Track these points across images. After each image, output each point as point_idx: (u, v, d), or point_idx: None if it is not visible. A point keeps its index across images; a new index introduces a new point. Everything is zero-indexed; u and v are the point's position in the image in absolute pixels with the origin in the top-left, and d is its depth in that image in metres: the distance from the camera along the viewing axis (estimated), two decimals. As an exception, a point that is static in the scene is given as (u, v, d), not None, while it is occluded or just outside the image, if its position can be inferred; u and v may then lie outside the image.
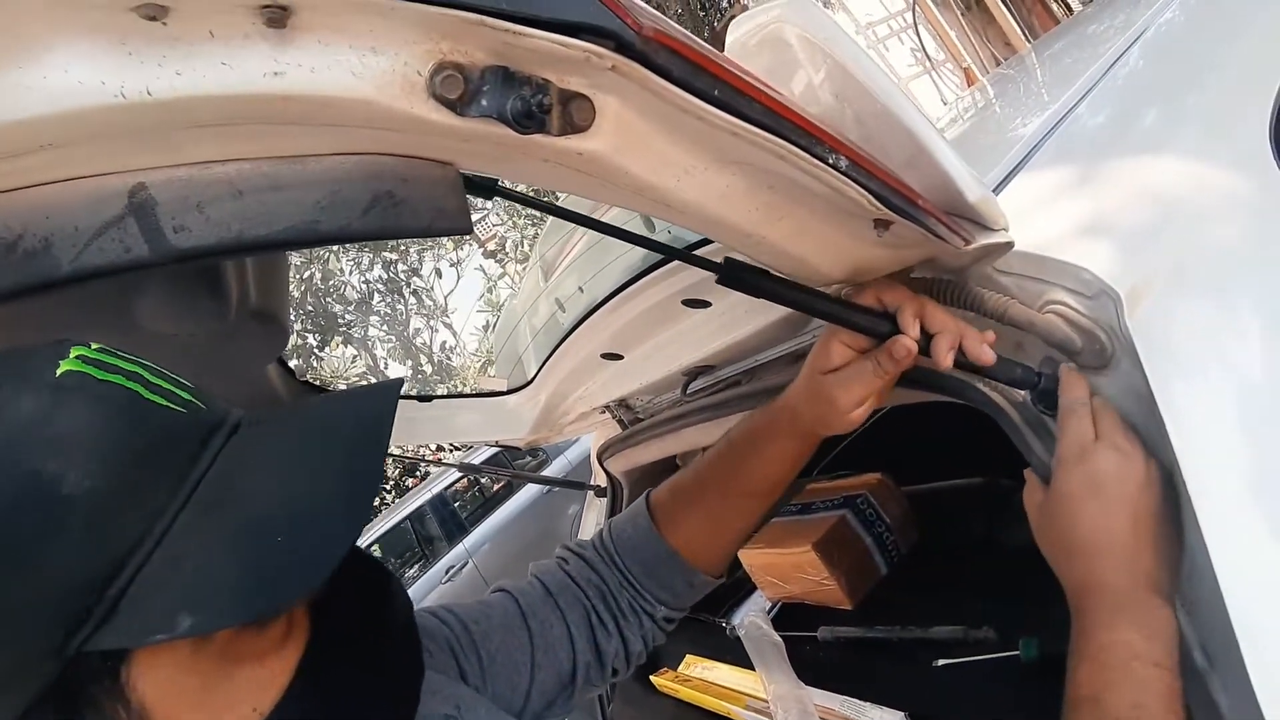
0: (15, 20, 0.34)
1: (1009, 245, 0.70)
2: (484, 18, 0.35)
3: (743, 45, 0.74)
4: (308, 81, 0.36)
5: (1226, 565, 0.61)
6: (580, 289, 1.28)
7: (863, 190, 0.53)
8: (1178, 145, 0.87)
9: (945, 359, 0.71)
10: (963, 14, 10.96)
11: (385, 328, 16.40)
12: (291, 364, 1.23)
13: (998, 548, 1.33)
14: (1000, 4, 10.62)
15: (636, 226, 1.09)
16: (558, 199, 1.03)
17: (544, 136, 0.40)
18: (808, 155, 0.49)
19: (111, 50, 0.35)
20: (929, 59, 10.65)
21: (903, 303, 0.72)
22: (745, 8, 10.44)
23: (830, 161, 0.50)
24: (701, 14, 11.17)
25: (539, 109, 0.39)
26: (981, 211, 0.65)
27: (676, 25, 0.42)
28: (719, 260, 0.67)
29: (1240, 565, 0.61)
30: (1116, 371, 0.72)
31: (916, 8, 10.41)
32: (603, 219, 0.71)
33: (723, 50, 0.70)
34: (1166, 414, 0.67)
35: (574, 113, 0.41)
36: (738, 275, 0.67)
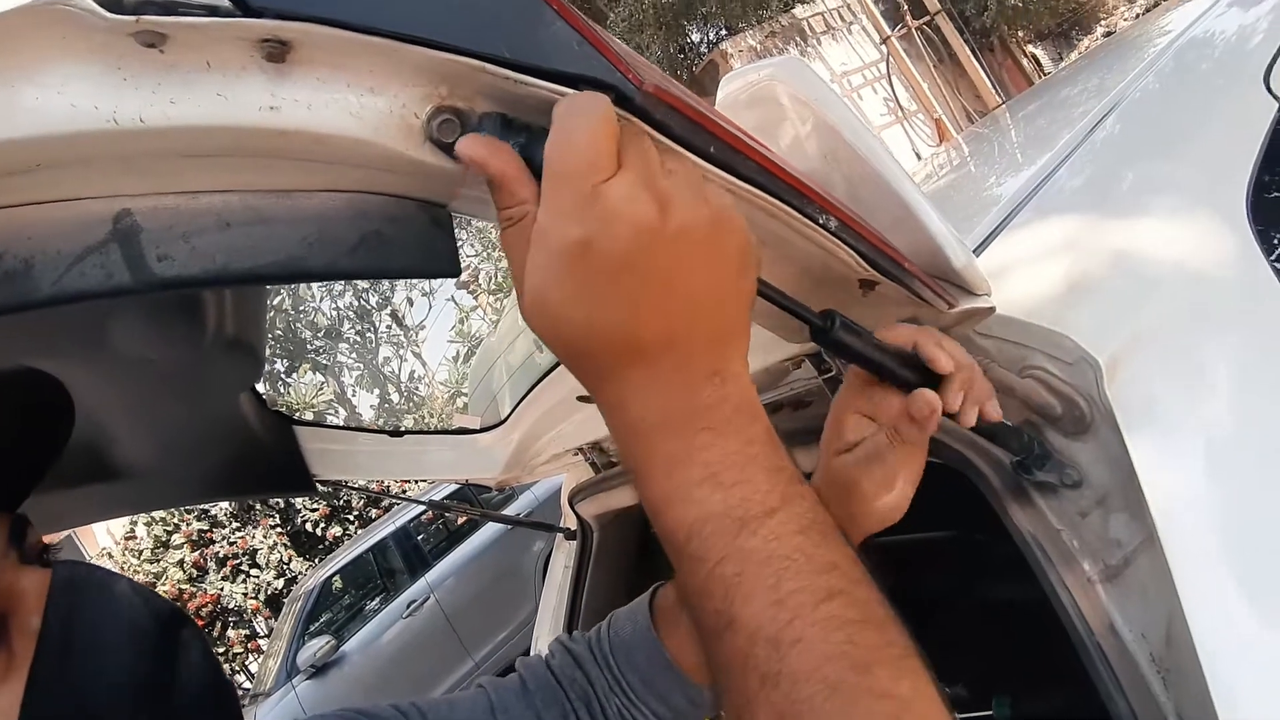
0: (10, 39, 0.34)
1: (991, 310, 0.70)
2: (485, 65, 0.35)
3: (734, 100, 0.74)
4: (304, 118, 0.36)
5: (1205, 633, 0.61)
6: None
7: (851, 251, 0.53)
8: (1157, 213, 0.89)
9: (969, 414, 0.61)
10: (935, 66, 11.26)
11: (354, 355, 16.27)
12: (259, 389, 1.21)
13: (969, 603, 1.33)
14: (972, 58, 10.93)
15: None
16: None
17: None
18: (799, 214, 0.49)
19: (107, 75, 0.35)
20: (901, 109, 10.90)
21: (921, 340, 0.60)
22: (725, 54, 10.66)
23: (820, 221, 0.50)
24: (680, 57, 11.38)
25: (536, 156, 0.39)
26: (966, 277, 0.65)
27: (677, 83, 0.42)
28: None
29: (1219, 633, 0.61)
30: (1095, 438, 0.73)
31: (890, 59, 10.68)
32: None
33: (712, 102, 0.71)
34: (1145, 482, 0.67)
35: (569, 160, 0.41)
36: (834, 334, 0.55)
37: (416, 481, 7.45)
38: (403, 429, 1.48)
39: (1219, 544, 0.67)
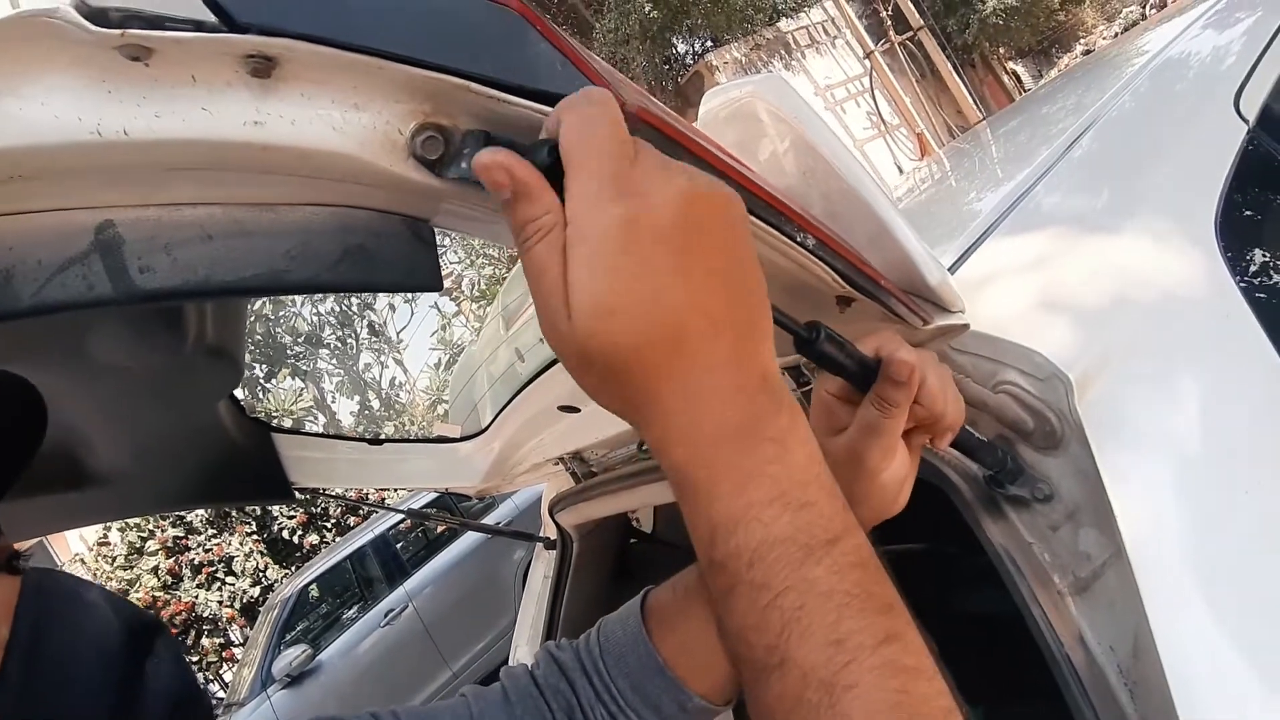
0: None
1: (965, 327, 0.71)
2: (469, 84, 0.36)
3: (715, 116, 0.75)
4: (288, 133, 0.36)
5: (1169, 647, 0.62)
6: (541, 340, 1.28)
7: (828, 269, 0.54)
8: (1129, 232, 0.90)
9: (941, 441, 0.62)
10: (917, 81, 11.41)
11: (335, 361, 16.18)
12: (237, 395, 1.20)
13: (942, 615, 1.34)
14: (954, 74, 11.09)
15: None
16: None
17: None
18: (777, 232, 0.50)
19: (91, 87, 0.35)
20: (884, 122, 11.03)
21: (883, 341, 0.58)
22: (710, 66, 10.72)
23: (799, 240, 0.51)
24: (665, 68, 11.43)
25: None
26: (940, 294, 0.66)
27: (659, 103, 0.43)
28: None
29: (1185, 647, 0.62)
30: (1066, 453, 0.74)
31: (874, 73, 10.80)
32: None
33: (695, 117, 0.72)
34: (1114, 497, 0.68)
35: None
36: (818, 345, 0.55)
37: (396, 490, 7.42)
38: (382, 437, 1.48)
39: (1185, 559, 0.68)
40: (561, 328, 0.39)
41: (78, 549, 12.06)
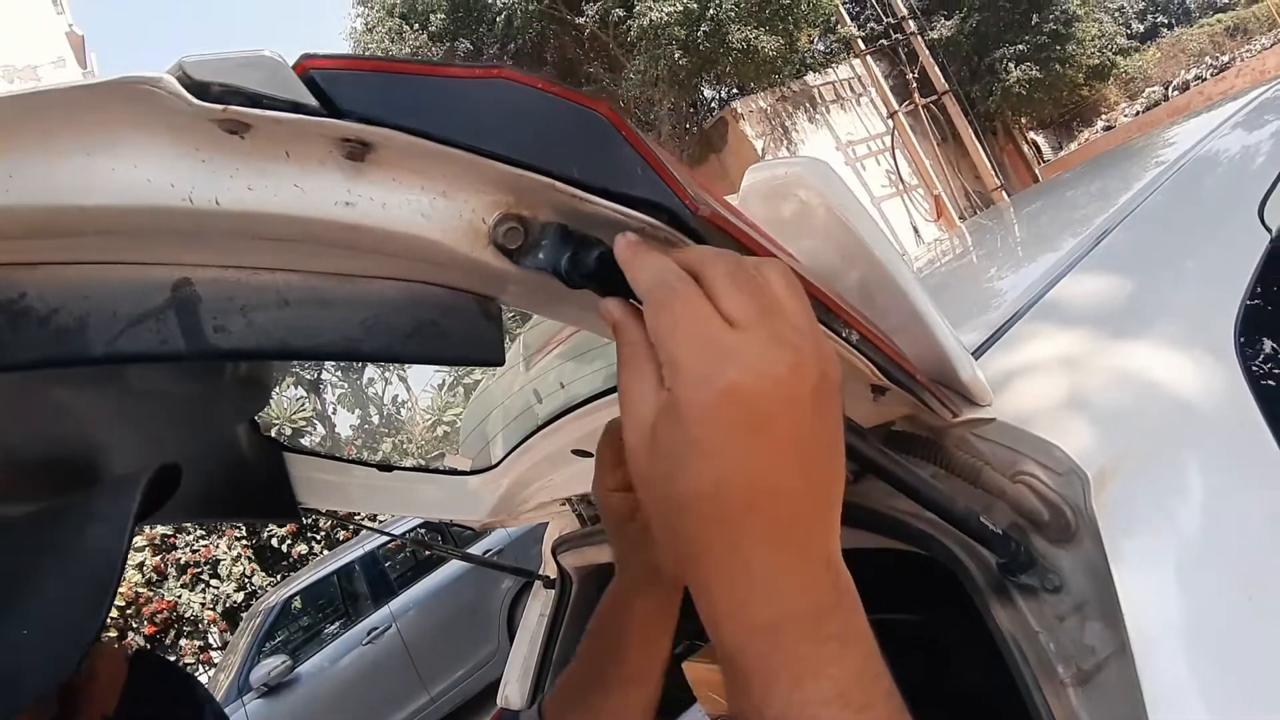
0: (93, 110, 0.35)
1: (991, 420, 0.73)
2: (555, 182, 0.37)
3: (757, 192, 0.77)
4: (377, 215, 0.37)
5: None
6: (562, 385, 1.29)
7: (868, 362, 0.55)
8: (1151, 334, 0.92)
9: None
10: (938, 144, 11.54)
11: (339, 373, 16.17)
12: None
13: (934, 693, 1.33)
14: (975, 139, 11.22)
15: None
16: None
17: (592, 292, 0.42)
18: (825, 328, 0.51)
19: (185, 156, 0.36)
20: (903, 182, 11.14)
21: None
22: (736, 113, 10.85)
23: (843, 335, 0.52)
24: (691, 112, 11.58)
25: (594, 266, 0.40)
26: (971, 389, 0.68)
27: (731, 206, 0.44)
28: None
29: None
30: (1079, 548, 0.75)
31: (895, 133, 10.93)
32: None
33: (736, 190, 0.73)
34: (1122, 594, 0.69)
35: (623, 274, 0.43)
36: None
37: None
38: (393, 464, 1.48)
39: (1187, 659, 0.69)
40: (636, 449, 0.39)
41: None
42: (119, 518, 0.43)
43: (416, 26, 12.93)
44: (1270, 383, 0.89)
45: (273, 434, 1.36)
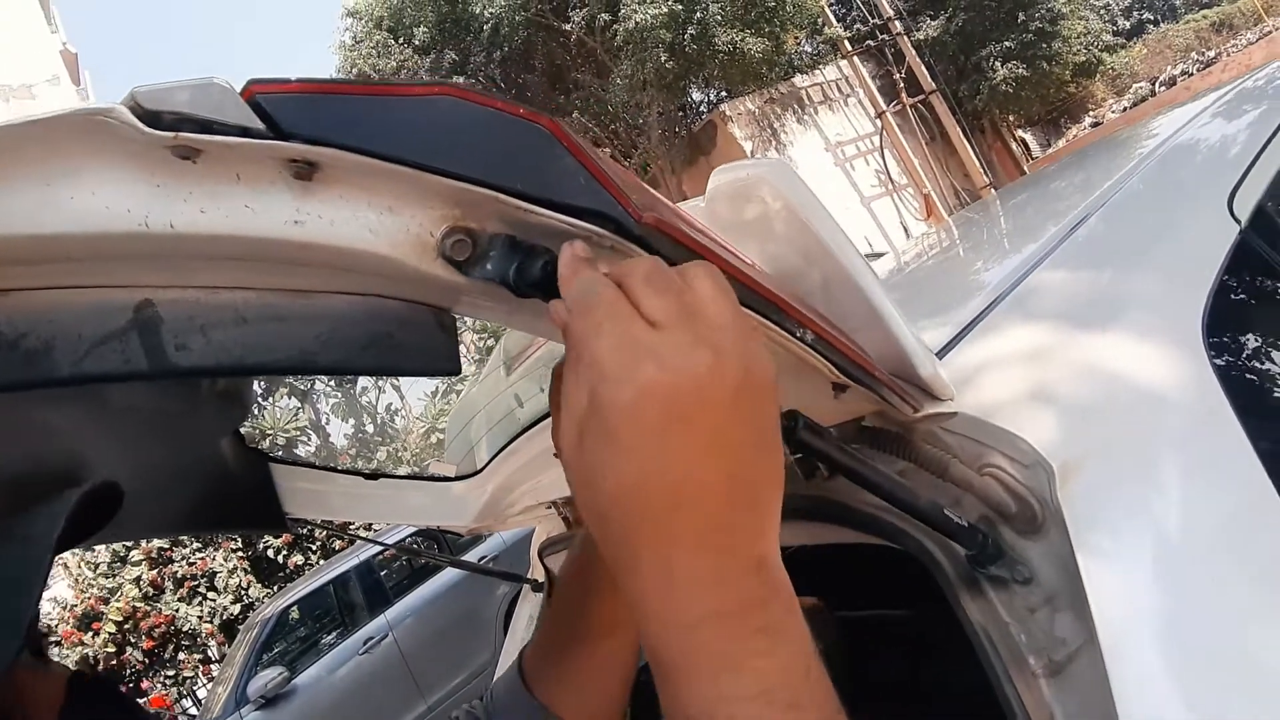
0: (52, 142, 0.36)
1: (953, 414, 0.74)
2: (499, 194, 0.38)
3: (723, 194, 0.78)
4: (326, 232, 0.38)
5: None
6: (542, 389, 1.30)
7: (825, 360, 0.57)
8: (1120, 325, 0.93)
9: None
10: (927, 143, 11.58)
11: (332, 383, 16.15)
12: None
13: (918, 688, 1.34)
14: (963, 138, 11.26)
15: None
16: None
17: (540, 299, 0.43)
18: (778, 328, 0.52)
19: (140, 181, 0.37)
20: (892, 182, 11.18)
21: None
22: (724, 116, 10.88)
23: (798, 335, 0.54)
24: (680, 115, 11.60)
25: (540, 275, 0.42)
26: (931, 385, 0.69)
27: (673, 208, 0.45)
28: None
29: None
30: (1046, 539, 0.76)
31: (884, 133, 10.98)
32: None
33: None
34: (1090, 588, 0.70)
35: (570, 280, 0.44)
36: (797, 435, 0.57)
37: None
38: (378, 472, 1.49)
39: (1155, 649, 0.70)
40: (568, 448, 0.40)
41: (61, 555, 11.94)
42: (38, 540, 0.43)
43: (402, 40, 12.94)
44: (1237, 374, 0.90)
45: (265, 444, 1.36)
